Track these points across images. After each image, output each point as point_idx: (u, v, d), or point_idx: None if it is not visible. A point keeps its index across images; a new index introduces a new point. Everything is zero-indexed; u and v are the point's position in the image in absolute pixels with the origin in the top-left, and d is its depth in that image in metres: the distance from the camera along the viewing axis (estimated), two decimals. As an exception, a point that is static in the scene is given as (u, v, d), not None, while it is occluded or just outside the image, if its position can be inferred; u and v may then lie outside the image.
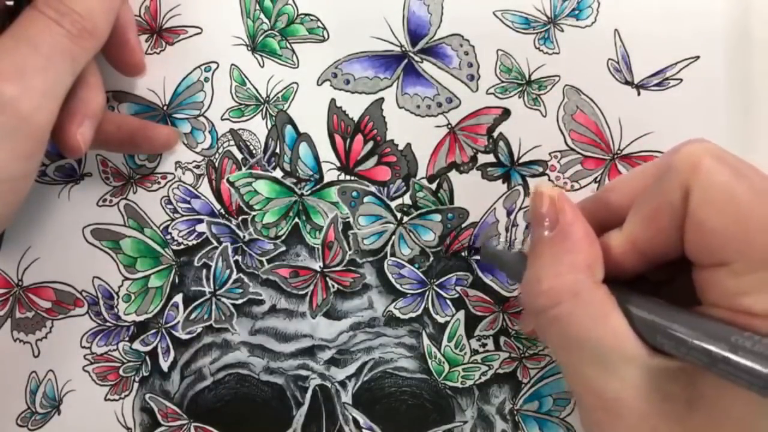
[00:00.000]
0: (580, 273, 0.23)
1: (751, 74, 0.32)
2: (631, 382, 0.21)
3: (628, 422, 0.22)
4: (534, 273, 0.24)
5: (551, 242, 0.24)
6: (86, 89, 0.29)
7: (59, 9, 0.26)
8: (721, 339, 0.19)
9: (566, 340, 0.23)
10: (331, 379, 0.34)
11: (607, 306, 0.22)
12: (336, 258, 0.34)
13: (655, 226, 0.22)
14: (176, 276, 0.34)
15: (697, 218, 0.21)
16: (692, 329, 0.20)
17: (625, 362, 0.22)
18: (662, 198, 0.22)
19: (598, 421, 0.23)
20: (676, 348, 0.21)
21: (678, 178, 0.21)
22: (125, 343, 0.34)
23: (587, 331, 0.22)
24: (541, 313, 0.24)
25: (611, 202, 0.25)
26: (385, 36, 0.33)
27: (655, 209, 0.22)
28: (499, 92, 0.33)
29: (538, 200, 0.25)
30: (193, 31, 0.34)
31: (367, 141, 0.33)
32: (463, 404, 0.34)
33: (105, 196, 0.34)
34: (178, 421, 0.34)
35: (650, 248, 0.23)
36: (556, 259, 0.24)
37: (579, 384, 0.23)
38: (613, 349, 0.22)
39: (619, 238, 0.24)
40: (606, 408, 0.22)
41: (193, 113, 0.34)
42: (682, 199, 0.21)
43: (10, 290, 0.34)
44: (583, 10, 0.32)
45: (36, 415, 0.34)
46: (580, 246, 0.23)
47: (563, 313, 0.23)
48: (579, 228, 0.24)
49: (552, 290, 0.23)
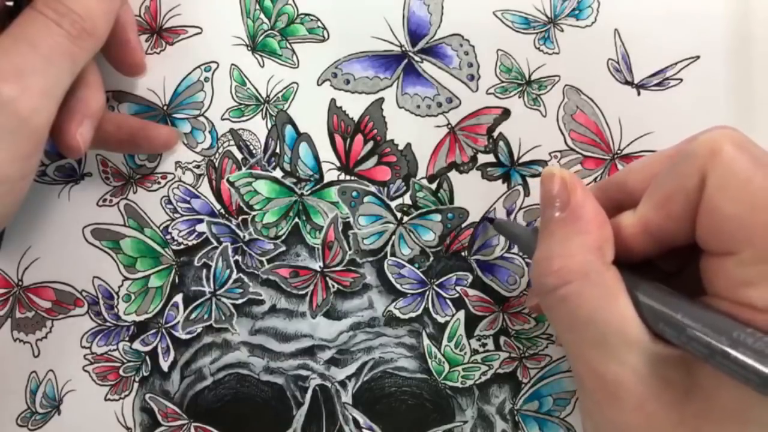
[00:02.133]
0: (590, 254, 0.23)
1: (751, 74, 0.32)
2: (632, 366, 0.22)
3: (626, 405, 0.22)
4: (544, 252, 0.24)
5: (562, 222, 0.24)
6: (86, 89, 0.29)
7: (58, 9, 0.26)
8: (722, 332, 0.19)
9: (572, 320, 0.23)
10: (331, 379, 0.34)
11: (615, 288, 0.22)
12: (336, 258, 0.34)
13: (669, 209, 0.22)
14: (176, 276, 0.34)
15: (711, 204, 0.21)
16: (694, 320, 0.20)
17: (627, 346, 0.22)
18: (678, 181, 0.22)
19: (597, 402, 0.23)
20: (676, 337, 0.21)
21: (696, 162, 0.21)
22: (125, 343, 0.34)
23: (593, 312, 0.22)
24: (549, 292, 0.24)
25: (628, 184, 0.25)
26: (385, 36, 0.33)
27: (670, 192, 0.22)
28: (499, 92, 0.33)
29: (550, 181, 0.25)
30: (193, 31, 0.34)
31: (367, 141, 0.33)
32: (463, 404, 0.34)
33: (105, 196, 0.34)
34: (178, 421, 0.34)
35: (661, 231, 0.23)
36: (567, 240, 0.24)
37: (581, 365, 0.23)
38: (617, 332, 0.22)
39: (631, 218, 0.24)
40: (605, 390, 0.22)
41: (193, 113, 0.34)
42: (699, 184, 0.21)
43: (10, 290, 0.34)
44: (583, 10, 0.32)
45: (36, 415, 0.34)
46: (590, 227, 0.23)
47: (571, 293, 0.23)
48: (590, 209, 0.24)
49: (562, 270, 0.23)
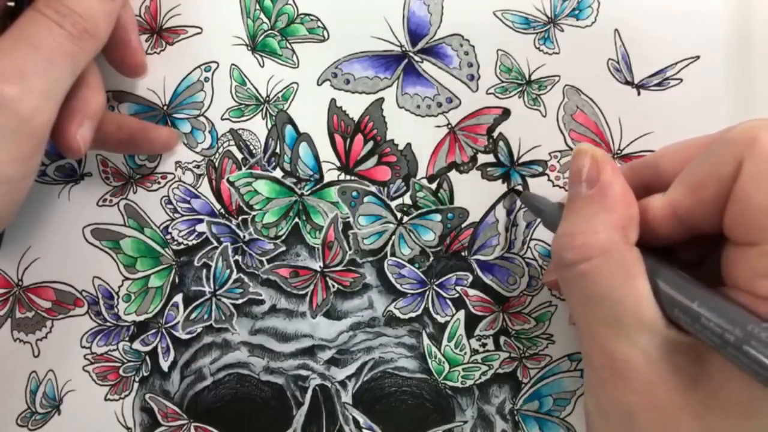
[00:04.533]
0: (614, 232, 0.23)
1: (751, 74, 0.32)
2: (642, 348, 0.22)
3: (633, 386, 0.22)
4: (568, 227, 0.24)
5: (589, 199, 0.24)
6: (86, 90, 0.29)
7: (60, 10, 0.26)
8: (736, 324, 0.20)
9: (588, 296, 0.23)
10: (331, 379, 0.34)
11: (636, 269, 0.22)
12: (336, 258, 0.34)
13: (700, 195, 0.22)
14: (176, 276, 0.34)
15: (743, 192, 0.21)
16: (710, 309, 0.20)
17: (640, 327, 0.22)
18: (712, 167, 0.22)
19: (602, 379, 0.23)
20: (690, 324, 0.21)
21: (734, 149, 0.21)
22: (125, 343, 0.34)
23: (610, 289, 0.22)
24: (569, 266, 0.24)
25: (660, 167, 0.26)
26: (385, 36, 0.33)
27: (703, 177, 0.22)
28: (499, 92, 0.33)
29: (581, 158, 0.25)
30: (193, 31, 0.34)
31: (367, 141, 0.33)
32: (463, 404, 0.34)
33: (105, 196, 0.34)
34: (178, 421, 0.34)
35: (690, 217, 0.23)
36: (592, 216, 0.24)
37: (591, 342, 0.23)
38: (631, 312, 0.22)
39: (660, 201, 0.24)
40: (613, 368, 0.22)
41: (193, 113, 0.34)
42: (734, 171, 0.21)
43: (10, 290, 0.34)
44: (583, 10, 0.32)
45: (36, 415, 0.34)
46: (617, 206, 0.24)
47: (591, 269, 0.23)
48: (618, 188, 0.24)
49: (584, 245, 0.23)
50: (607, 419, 0.23)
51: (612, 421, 0.23)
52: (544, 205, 0.30)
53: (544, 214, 0.29)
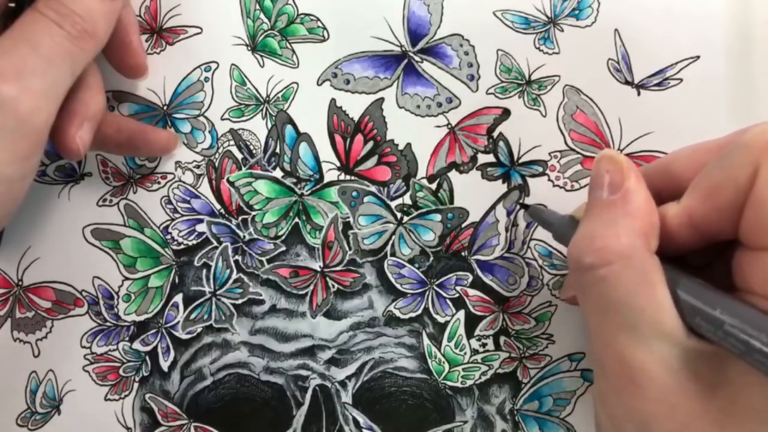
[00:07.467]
0: (636, 238, 0.23)
1: (751, 74, 0.32)
2: (661, 356, 0.21)
3: (649, 394, 0.22)
4: (588, 231, 0.24)
5: (612, 204, 0.24)
6: (86, 91, 0.29)
7: (59, 10, 0.26)
8: (762, 330, 0.19)
9: (606, 302, 0.23)
10: (331, 379, 0.34)
11: (656, 276, 0.22)
12: (336, 258, 0.34)
13: (715, 201, 0.22)
14: (176, 276, 0.34)
15: (761, 197, 0.20)
16: (733, 315, 0.20)
17: (660, 336, 0.21)
18: (728, 173, 0.21)
19: (616, 388, 0.23)
20: (713, 332, 0.21)
21: (748, 154, 0.21)
22: (125, 343, 0.34)
23: (630, 296, 0.22)
24: (587, 270, 0.23)
25: (673, 171, 0.25)
26: (385, 36, 0.33)
27: (719, 183, 0.22)
28: (499, 92, 0.33)
29: (605, 163, 0.24)
30: (193, 31, 0.34)
31: (367, 141, 0.33)
32: (463, 404, 0.34)
33: (105, 196, 0.34)
34: (178, 421, 0.34)
35: (706, 224, 0.23)
36: (614, 221, 0.23)
37: (606, 348, 0.23)
38: (651, 320, 0.22)
39: (675, 209, 0.23)
40: (628, 376, 0.22)
41: (193, 113, 0.34)
42: (750, 176, 0.21)
43: (10, 290, 0.34)
44: (583, 10, 0.32)
45: (36, 415, 0.34)
46: (640, 212, 0.23)
47: (611, 273, 0.23)
48: (642, 195, 0.24)
49: (604, 249, 0.23)
50: (621, 429, 0.23)
51: (626, 431, 0.22)
52: (553, 218, 0.29)
53: (553, 227, 0.29)
